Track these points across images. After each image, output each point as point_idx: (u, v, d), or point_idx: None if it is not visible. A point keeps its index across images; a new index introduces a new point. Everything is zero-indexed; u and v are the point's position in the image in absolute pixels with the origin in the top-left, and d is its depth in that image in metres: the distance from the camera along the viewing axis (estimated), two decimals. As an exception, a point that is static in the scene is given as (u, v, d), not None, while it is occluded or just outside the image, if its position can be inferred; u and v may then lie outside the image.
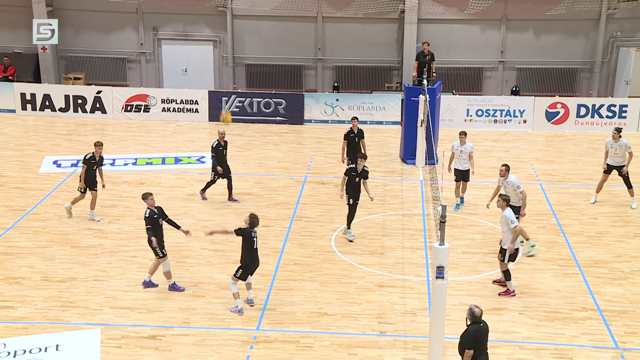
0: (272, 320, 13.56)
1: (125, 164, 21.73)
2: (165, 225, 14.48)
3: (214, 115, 26.00)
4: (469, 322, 10.76)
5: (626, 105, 25.45)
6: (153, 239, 13.95)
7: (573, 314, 13.84)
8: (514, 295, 14.37)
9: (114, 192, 19.46)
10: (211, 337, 12.97)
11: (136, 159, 22.11)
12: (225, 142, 18.82)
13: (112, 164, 21.60)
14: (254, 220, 13.50)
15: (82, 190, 17.52)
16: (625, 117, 25.30)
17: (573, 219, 18.05)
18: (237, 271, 13.55)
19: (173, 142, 24.02)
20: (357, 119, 19.78)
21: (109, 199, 18.95)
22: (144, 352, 12.53)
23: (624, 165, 18.40)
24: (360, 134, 19.43)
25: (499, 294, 14.41)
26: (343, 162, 19.47)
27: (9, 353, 12.16)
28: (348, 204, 16.60)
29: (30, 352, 12.44)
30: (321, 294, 14.43)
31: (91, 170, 17.54)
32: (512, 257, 14.43)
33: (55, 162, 21.78)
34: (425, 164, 21.48)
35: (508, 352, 12.61)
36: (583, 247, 16.58)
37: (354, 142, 19.31)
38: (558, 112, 25.57)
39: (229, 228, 14.34)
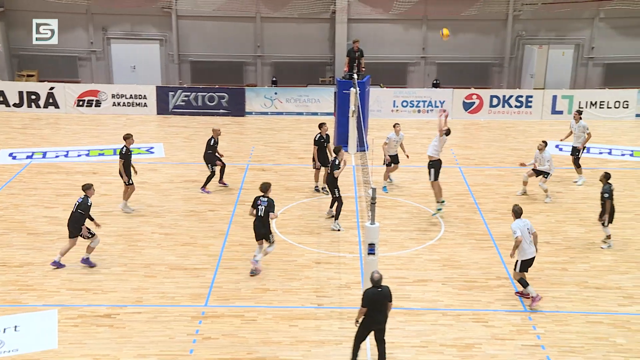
0: (219, 296, 13.44)
1: (79, 156, 21.19)
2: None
3: (162, 108, 25.54)
4: (370, 286, 10.96)
5: (532, 96, 26.01)
6: (84, 226, 14.05)
7: (488, 283, 14.11)
8: (541, 298, 13.20)
9: (68, 181, 18.97)
10: (162, 314, 12.79)
11: (89, 151, 21.60)
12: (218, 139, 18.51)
13: (66, 156, 21.06)
14: (261, 185, 13.95)
15: (128, 182, 16.92)
16: (530, 107, 25.91)
17: (488, 198, 18.37)
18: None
19: (123, 134, 23.44)
20: (325, 124, 18.41)
21: (63, 188, 18.48)
22: (100, 329, 12.28)
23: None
24: (328, 138, 18.47)
25: (530, 307, 13.21)
26: (316, 168, 18.30)
27: (-30, 335, 11.76)
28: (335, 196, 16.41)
29: (-10, 333, 12.08)
30: (264, 272, 14.34)
31: (128, 162, 16.98)
32: (525, 266, 13.25)
33: (10, 155, 21.09)
34: (357, 150, 21.54)
35: (432, 319, 12.78)
36: (497, 223, 16.90)
37: (323, 147, 18.25)
38: (474, 103, 25.96)
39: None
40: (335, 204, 16.48)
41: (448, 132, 16.56)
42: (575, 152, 19.37)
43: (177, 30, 28.34)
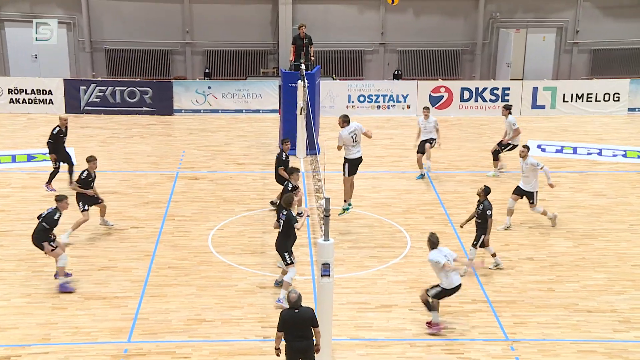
0: (144, 330, 13.30)
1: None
2: None
3: (72, 106, 25.23)
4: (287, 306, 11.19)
5: (508, 88, 26.48)
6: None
7: (463, 307, 14.27)
8: (443, 328, 13.49)
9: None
10: (76, 353, 12.58)
11: (-19, 158, 21.23)
12: (66, 128, 18.89)
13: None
14: (283, 199, 14.16)
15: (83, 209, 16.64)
16: (508, 101, 26.27)
17: (461, 208, 18.59)
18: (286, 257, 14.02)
19: (24, 137, 23.20)
20: (289, 140, 18.26)
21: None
22: (-3, 376, 12.05)
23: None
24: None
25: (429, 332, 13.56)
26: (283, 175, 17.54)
27: None
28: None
29: None
30: (198, 299, 14.27)
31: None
32: (446, 295, 13.37)
33: None
34: (307, 154, 21.62)
35: (399, 351, 12.86)
36: (471, 236, 17.09)
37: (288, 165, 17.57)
38: (442, 97, 26.30)
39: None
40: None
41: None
42: (502, 146, 20.42)
43: (88, 11, 28.15)
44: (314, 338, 11.13)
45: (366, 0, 28.67)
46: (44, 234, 14.21)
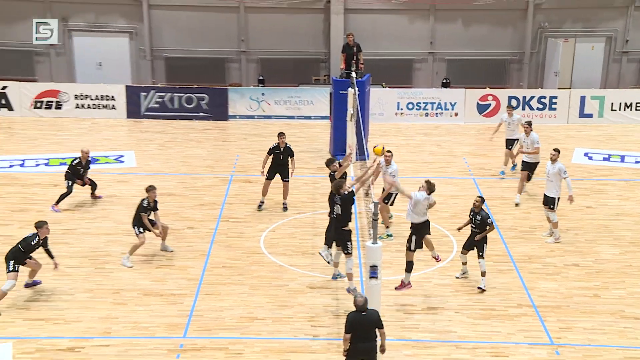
0: (199, 327, 13.45)
1: (37, 165, 21.21)
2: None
3: (133, 111, 25.64)
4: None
5: (556, 97, 26.20)
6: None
7: (509, 311, 14.17)
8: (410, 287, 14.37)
9: (24, 195, 19.03)
10: (135, 347, 12.79)
11: (48, 160, 21.62)
12: (88, 162, 18.71)
13: (22, 165, 21.13)
14: (334, 185, 14.35)
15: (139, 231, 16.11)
16: (555, 109, 26.07)
17: (507, 214, 18.48)
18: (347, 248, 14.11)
19: (89, 140, 23.53)
20: (284, 134, 18.47)
21: (19, 203, 18.54)
22: (62, 365, 12.32)
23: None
24: (288, 151, 18.29)
25: (395, 288, 14.41)
26: (262, 174, 18.48)
27: None
28: None
29: None
30: (251, 298, 14.39)
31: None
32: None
33: (-41, 164, 21.18)
34: (356, 159, 21.61)
35: (444, 352, 12.82)
36: (517, 242, 17.00)
37: (278, 159, 18.28)
38: (489, 105, 26.11)
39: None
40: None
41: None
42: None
43: (149, 21, 28.50)
44: (377, 339, 11.14)
45: (416, 10, 28.58)
46: (17, 254, 13.92)
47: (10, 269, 13.80)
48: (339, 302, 14.40)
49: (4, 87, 25.70)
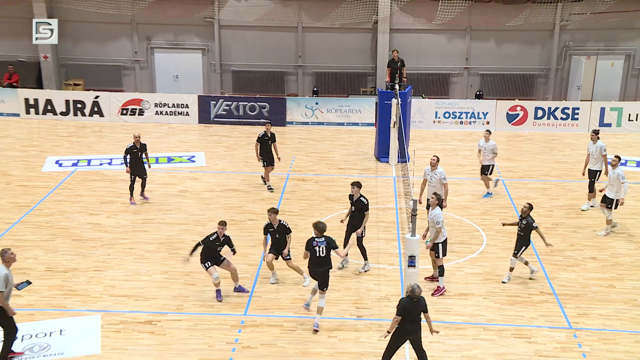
0: (258, 306, 13.58)
1: (122, 163, 21.43)
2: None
3: (204, 117, 25.96)
4: (406, 295, 11.01)
5: (578, 108, 25.72)
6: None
7: (532, 298, 14.00)
8: (445, 291, 14.05)
9: (111, 189, 19.38)
10: (202, 322, 12.98)
11: (132, 159, 21.97)
12: (142, 144, 18.23)
13: (110, 163, 21.50)
14: (319, 225, 12.94)
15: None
16: (577, 119, 25.60)
17: (532, 212, 18.14)
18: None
19: (166, 142, 23.93)
20: (270, 123, 19.77)
21: (107, 195, 18.89)
22: (141, 336, 12.53)
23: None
24: (273, 137, 19.22)
25: (432, 294, 13.88)
26: (259, 160, 19.27)
27: (17, 338, 12.08)
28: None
29: (36, 336, 12.42)
30: (303, 282, 14.45)
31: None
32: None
33: (57, 162, 21.63)
34: (398, 162, 21.57)
35: (473, 334, 12.73)
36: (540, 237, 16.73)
37: (267, 145, 19.15)
38: (518, 114, 25.78)
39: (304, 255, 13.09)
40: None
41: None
42: (593, 175, 18.19)
43: (220, 39, 28.77)
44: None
45: (453, 30, 28.33)
46: (202, 252, 13.49)
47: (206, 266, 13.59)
48: (380, 287, 14.39)
49: (96, 97, 26.17)
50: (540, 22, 27.84)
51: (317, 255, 12.78)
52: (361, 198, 14.69)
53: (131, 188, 18.19)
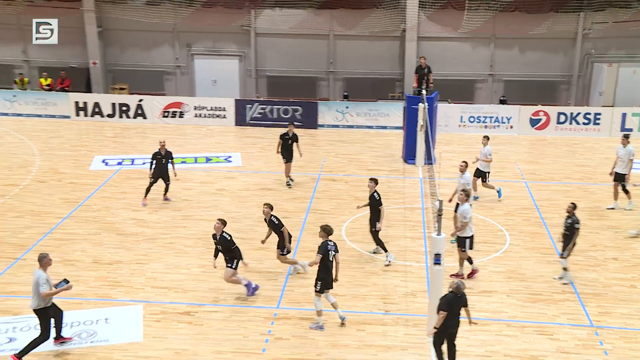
0: (290, 299, 13.55)
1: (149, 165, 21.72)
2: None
3: (240, 120, 26.03)
4: (450, 290, 10.90)
5: (600, 114, 25.27)
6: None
7: (553, 296, 13.75)
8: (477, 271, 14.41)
9: (153, 186, 19.44)
10: (237, 313, 12.98)
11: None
12: (168, 151, 18.07)
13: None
14: (329, 230, 12.59)
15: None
16: (599, 124, 25.14)
17: (554, 213, 17.89)
18: (315, 285, 12.46)
19: (204, 143, 24.04)
20: (293, 124, 20.21)
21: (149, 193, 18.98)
22: (180, 325, 12.56)
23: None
24: (294, 137, 19.49)
25: (467, 276, 14.27)
26: (277, 153, 19.71)
27: (66, 324, 12.21)
28: None
29: (84, 323, 12.54)
30: (333, 277, 14.38)
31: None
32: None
33: (103, 161, 21.84)
34: (425, 163, 21.39)
35: (496, 329, 12.54)
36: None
37: (287, 144, 19.43)
38: (540, 119, 25.40)
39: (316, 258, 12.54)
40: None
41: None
42: (622, 178, 17.79)
43: (256, 46, 28.82)
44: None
45: (478, 38, 28.02)
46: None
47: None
48: (407, 283, 14.26)
49: (140, 100, 26.41)
50: (563, 31, 27.41)
51: (330, 259, 12.48)
52: (374, 194, 14.91)
53: (147, 190, 18.10)
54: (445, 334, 11.03)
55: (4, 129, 25.06)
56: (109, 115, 26.38)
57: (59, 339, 11.81)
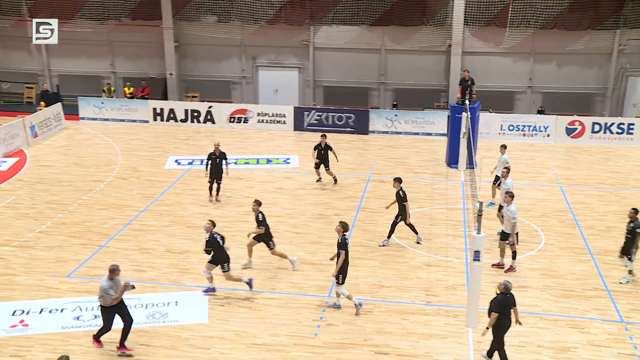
0: (340, 289, 13.53)
1: (229, 163, 21.90)
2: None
3: (298, 125, 26.16)
4: (498, 292, 10.61)
5: (633, 124, 24.39)
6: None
7: (585, 293, 13.37)
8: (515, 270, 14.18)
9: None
10: (293, 301, 13.03)
11: (237, 159, 22.34)
12: (222, 152, 18.00)
13: (219, 163, 21.91)
14: (345, 226, 12.53)
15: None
16: (632, 134, 24.29)
17: (587, 215, 17.43)
18: (338, 277, 12.43)
19: (265, 146, 24.23)
20: (325, 135, 19.69)
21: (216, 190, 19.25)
22: (241, 310, 12.70)
23: None
24: (327, 147, 19.27)
25: (505, 271, 14.18)
26: (313, 158, 19.53)
27: (142, 305, 12.54)
28: None
29: (157, 305, 12.80)
30: (380, 270, 14.34)
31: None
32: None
33: (176, 161, 22.27)
34: (466, 168, 21.09)
35: (530, 322, 12.25)
36: (595, 238, 16.00)
37: (320, 154, 19.27)
38: (576, 128, 24.72)
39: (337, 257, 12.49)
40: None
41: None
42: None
43: (314, 59, 28.94)
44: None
45: (519, 53, 27.49)
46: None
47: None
48: (448, 277, 14.09)
49: (210, 107, 26.79)
50: (600, 47, 26.62)
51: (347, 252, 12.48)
52: (399, 192, 15.09)
53: (210, 188, 18.19)
54: (503, 333, 10.67)
55: (92, 131, 25.83)
56: (182, 120, 26.88)
57: (122, 347, 11.21)
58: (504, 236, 14.18)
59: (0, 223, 16.63)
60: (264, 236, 14.08)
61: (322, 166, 19.54)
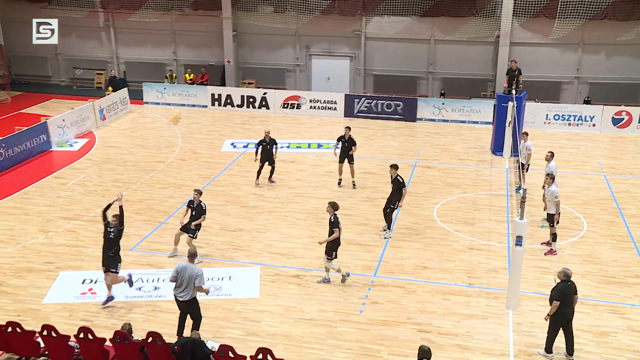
0: (385, 269, 13.52)
1: (282, 147, 21.98)
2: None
3: (348, 112, 26.07)
4: (558, 280, 10.30)
5: (681, 114, 23.40)
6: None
7: (627, 280, 12.98)
8: (556, 253, 13.98)
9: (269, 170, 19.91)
10: (339, 279, 13.07)
11: (289, 144, 22.46)
12: (271, 139, 17.76)
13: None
14: (334, 205, 12.58)
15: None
16: (679, 122, 23.32)
17: (630, 204, 16.84)
18: (330, 254, 12.66)
19: (317, 131, 24.24)
20: (349, 128, 18.05)
21: (269, 173, 19.41)
22: (290, 286, 12.84)
23: None
24: (351, 141, 17.81)
25: (545, 254, 13.97)
26: (335, 154, 18.24)
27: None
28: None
29: (211, 279, 13.07)
30: (424, 252, 14.26)
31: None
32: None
33: (232, 144, 22.54)
34: (511, 155, 20.65)
35: (571, 307, 11.98)
36: (638, 227, 15.45)
37: (344, 146, 17.83)
38: (622, 119, 23.82)
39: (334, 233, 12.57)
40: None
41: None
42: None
43: (365, 49, 28.70)
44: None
45: (567, 44, 26.55)
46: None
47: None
48: (490, 260, 13.89)
49: (265, 93, 26.96)
50: (650, 37, 25.48)
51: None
52: (397, 177, 14.76)
53: (258, 172, 18.11)
54: (562, 321, 10.38)
55: (156, 115, 26.39)
56: (238, 106, 27.14)
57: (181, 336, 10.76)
58: (550, 218, 13.99)
59: (71, 199, 17.24)
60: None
61: (345, 161, 17.96)
